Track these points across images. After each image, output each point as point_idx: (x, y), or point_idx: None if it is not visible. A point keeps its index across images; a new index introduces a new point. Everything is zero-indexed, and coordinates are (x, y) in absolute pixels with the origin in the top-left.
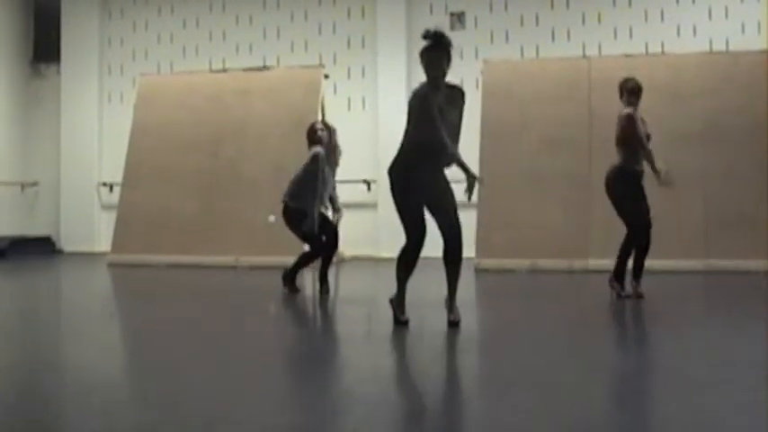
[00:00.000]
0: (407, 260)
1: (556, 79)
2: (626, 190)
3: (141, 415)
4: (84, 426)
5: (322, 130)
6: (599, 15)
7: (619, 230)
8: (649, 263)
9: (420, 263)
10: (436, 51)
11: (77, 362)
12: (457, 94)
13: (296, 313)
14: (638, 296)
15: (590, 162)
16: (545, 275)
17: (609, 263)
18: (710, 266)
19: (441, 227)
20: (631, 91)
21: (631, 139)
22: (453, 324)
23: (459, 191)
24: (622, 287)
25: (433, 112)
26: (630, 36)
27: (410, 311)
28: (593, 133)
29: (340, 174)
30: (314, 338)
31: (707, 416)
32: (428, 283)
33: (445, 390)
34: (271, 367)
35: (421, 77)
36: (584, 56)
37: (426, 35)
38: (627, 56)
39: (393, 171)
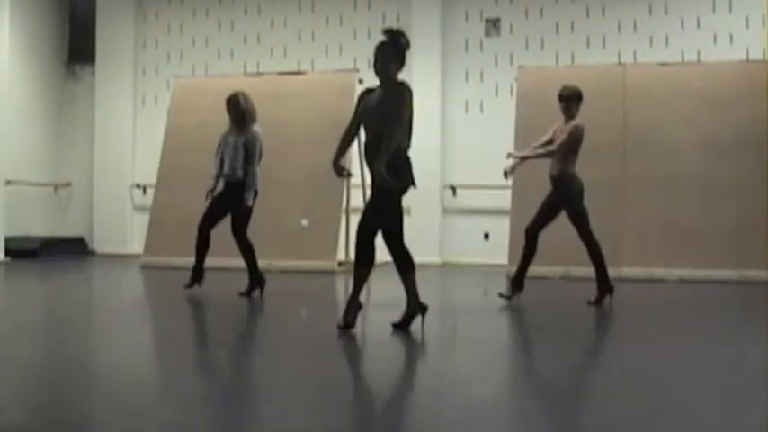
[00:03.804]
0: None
1: (590, 86)
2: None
3: (170, 416)
4: (112, 426)
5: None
6: (635, 23)
7: (653, 238)
8: (683, 272)
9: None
10: (384, 47)
11: (107, 362)
12: (402, 91)
13: (326, 317)
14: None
15: (623, 169)
16: (578, 283)
17: (642, 271)
18: (744, 277)
19: None
20: (559, 98)
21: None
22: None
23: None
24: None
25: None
26: (666, 44)
27: (444, 318)
28: (627, 140)
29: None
30: (341, 342)
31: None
32: (458, 289)
33: (475, 394)
34: (298, 370)
35: (455, 83)
36: (619, 63)
37: (383, 31)
38: (662, 64)
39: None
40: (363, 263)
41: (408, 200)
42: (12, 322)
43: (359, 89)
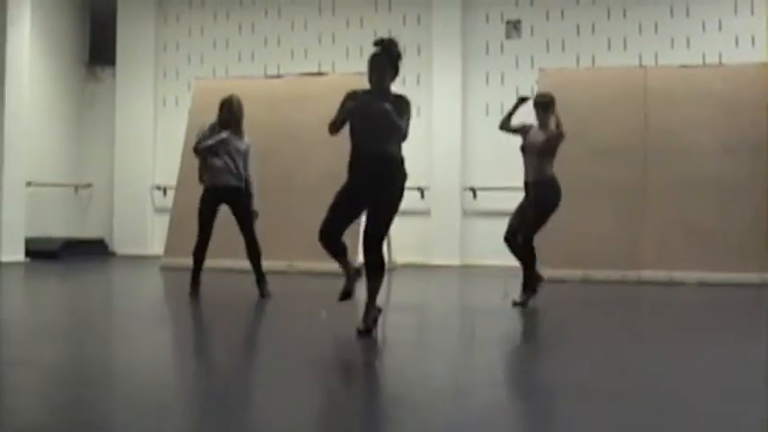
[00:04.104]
0: None
1: (611, 88)
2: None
3: (189, 417)
4: (132, 427)
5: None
6: (656, 24)
7: (673, 241)
8: (703, 275)
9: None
10: (378, 58)
11: (127, 363)
12: (400, 103)
13: (347, 319)
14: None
15: (644, 172)
16: (597, 286)
17: (662, 274)
18: (765, 280)
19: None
20: (534, 106)
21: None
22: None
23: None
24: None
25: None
26: (688, 46)
27: (463, 318)
28: (649, 143)
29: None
30: (363, 345)
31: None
32: (477, 291)
33: (495, 397)
34: (319, 372)
35: (475, 85)
36: (640, 65)
37: (376, 42)
38: (683, 66)
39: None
40: (383, 266)
41: (428, 202)
42: (32, 323)
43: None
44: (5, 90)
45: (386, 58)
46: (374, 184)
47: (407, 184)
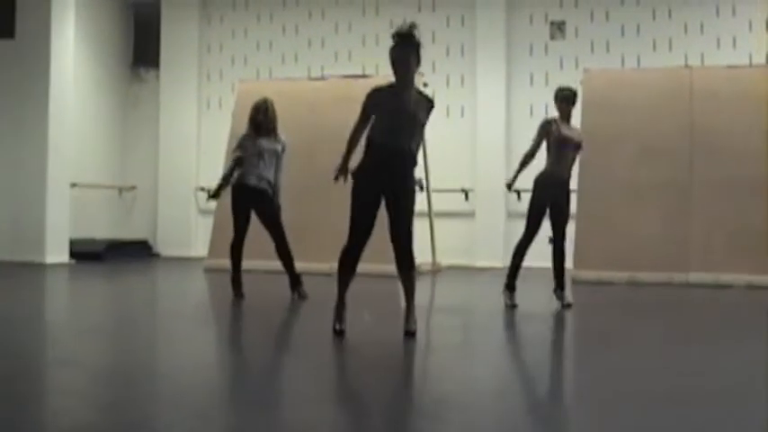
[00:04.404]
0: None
1: (657, 89)
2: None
3: (233, 418)
4: (176, 427)
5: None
6: (701, 25)
7: (720, 243)
8: (751, 278)
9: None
10: (402, 49)
11: (172, 364)
12: (423, 100)
13: (390, 321)
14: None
15: (690, 173)
16: (643, 288)
17: (710, 276)
18: None
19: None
20: (562, 99)
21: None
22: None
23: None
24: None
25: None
26: (734, 46)
27: (507, 320)
28: (695, 144)
29: (436, 182)
30: (408, 346)
31: None
32: (525, 293)
33: (539, 398)
34: (363, 373)
35: (519, 87)
36: (685, 65)
37: (395, 35)
38: (730, 67)
39: None
40: (414, 265)
41: (472, 204)
42: (77, 324)
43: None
44: (50, 92)
45: (411, 48)
46: (390, 178)
47: (451, 185)
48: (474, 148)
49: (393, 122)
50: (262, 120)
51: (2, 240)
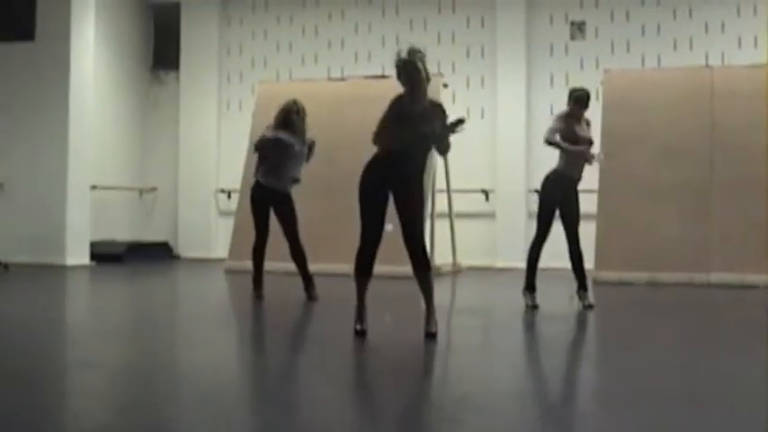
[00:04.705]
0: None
1: (677, 89)
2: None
3: (254, 419)
4: (196, 429)
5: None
6: (722, 24)
7: (744, 243)
8: (756, 278)
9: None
10: (408, 66)
11: (192, 366)
12: (436, 110)
13: (410, 322)
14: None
15: (711, 173)
16: (664, 289)
17: (732, 277)
18: None
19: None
20: (576, 100)
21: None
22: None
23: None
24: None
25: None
26: (755, 45)
27: (528, 321)
28: (716, 144)
29: (457, 183)
30: (429, 347)
31: None
32: (546, 294)
33: (559, 399)
34: (383, 375)
35: (540, 87)
36: (706, 65)
37: (398, 62)
38: (751, 66)
39: None
40: (430, 266)
41: (493, 204)
42: (98, 326)
43: (443, 93)
44: (70, 94)
45: (418, 65)
46: (395, 179)
47: (471, 186)
48: (494, 149)
49: (399, 129)
50: (295, 120)
51: (23, 242)
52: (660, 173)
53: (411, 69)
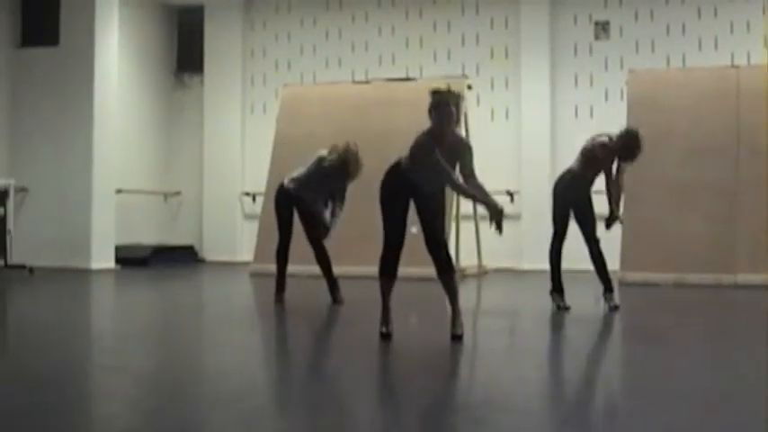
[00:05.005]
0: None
1: (703, 89)
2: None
3: (280, 423)
4: None
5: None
6: (748, 23)
7: None
8: None
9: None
10: (443, 107)
11: (218, 369)
12: (461, 146)
13: (436, 324)
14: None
15: (737, 173)
16: (691, 290)
17: (759, 277)
18: None
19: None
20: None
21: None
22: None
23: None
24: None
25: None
26: None
27: (564, 323)
28: (742, 144)
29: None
30: (455, 349)
31: None
32: (572, 296)
33: (586, 401)
34: (410, 377)
35: (564, 88)
36: (732, 65)
37: (434, 93)
38: None
39: None
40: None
41: (518, 206)
42: (124, 330)
43: (468, 95)
44: (95, 99)
45: (451, 107)
46: (414, 186)
47: (496, 188)
48: (519, 150)
49: (424, 161)
50: (353, 171)
51: (48, 246)
52: (686, 173)
53: (445, 109)
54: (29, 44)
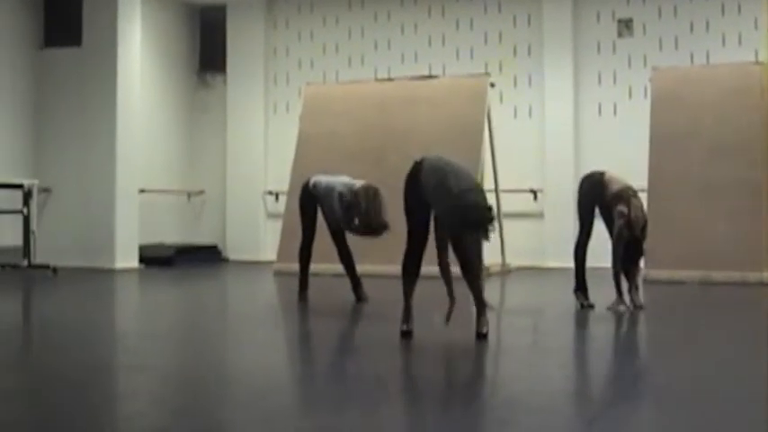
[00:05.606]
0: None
1: (727, 85)
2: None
3: (306, 422)
4: (247, 431)
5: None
6: None
7: None
8: None
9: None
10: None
11: (243, 368)
12: None
13: (461, 322)
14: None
15: (763, 170)
16: (717, 288)
17: None
18: None
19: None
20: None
21: None
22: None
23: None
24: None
25: None
26: None
27: (588, 321)
28: (767, 140)
29: (505, 183)
30: (479, 348)
31: None
32: (596, 294)
33: (613, 400)
34: (434, 375)
35: (587, 85)
36: (756, 61)
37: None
38: None
39: None
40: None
41: (541, 204)
42: (148, 329)
43: (490, 93)
44: (117, 98)
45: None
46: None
47: (519, 186)
48: (542, 148)
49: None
50: (375, 221)
51: (72, 246)
52: (711, 170)
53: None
54: (51, 45)
